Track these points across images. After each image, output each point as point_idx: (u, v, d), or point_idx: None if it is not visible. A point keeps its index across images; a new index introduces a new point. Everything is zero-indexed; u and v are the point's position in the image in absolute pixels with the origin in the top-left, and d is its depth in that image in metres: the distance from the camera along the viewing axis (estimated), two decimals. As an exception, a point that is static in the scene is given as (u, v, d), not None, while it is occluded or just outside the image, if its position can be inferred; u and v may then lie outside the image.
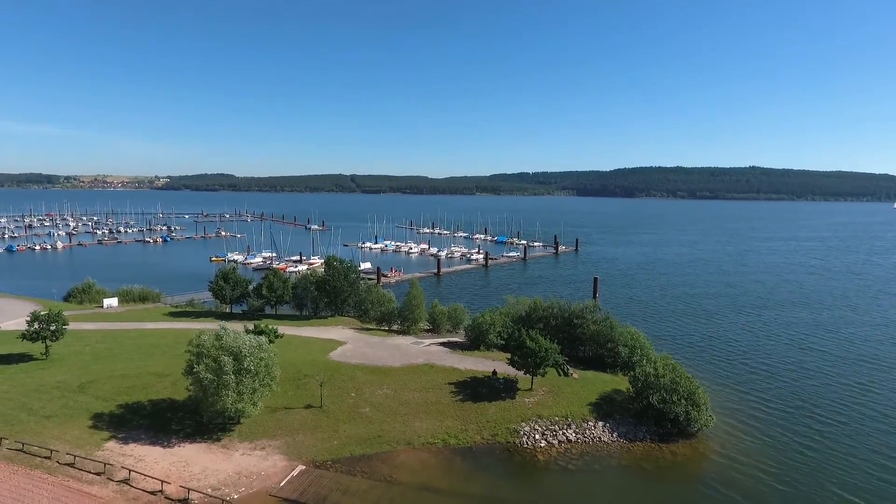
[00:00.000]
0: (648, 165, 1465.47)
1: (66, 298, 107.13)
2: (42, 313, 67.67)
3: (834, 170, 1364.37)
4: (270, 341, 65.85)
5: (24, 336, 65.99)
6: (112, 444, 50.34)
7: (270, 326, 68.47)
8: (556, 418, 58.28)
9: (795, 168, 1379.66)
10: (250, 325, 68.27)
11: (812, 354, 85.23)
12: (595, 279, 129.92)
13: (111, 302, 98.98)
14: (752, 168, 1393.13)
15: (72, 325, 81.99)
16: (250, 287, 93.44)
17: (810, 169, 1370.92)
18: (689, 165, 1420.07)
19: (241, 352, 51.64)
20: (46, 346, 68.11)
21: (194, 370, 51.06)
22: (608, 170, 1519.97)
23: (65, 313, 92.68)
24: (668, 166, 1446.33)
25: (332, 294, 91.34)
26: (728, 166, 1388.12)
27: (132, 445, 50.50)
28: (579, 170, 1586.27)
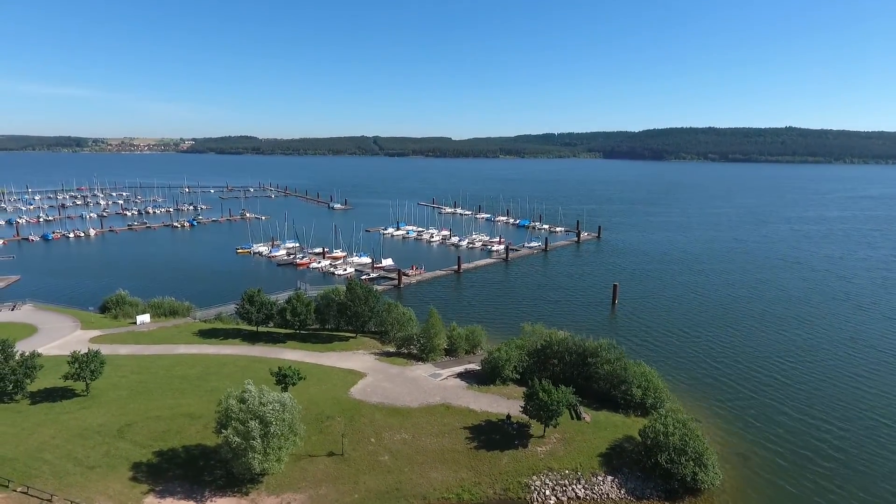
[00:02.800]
0: (679, 126, 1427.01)
1: (102, 310, 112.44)
2: (81, 353, 71.81)
3: (875, 130, 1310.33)
4: (293, 384, 69.53)
5: (67, 376, 70.48)
6: (150, 500, 54.40)
7: (293, 367, 71.54)
8: (567, 471, 60.55)
9: (834, 128, 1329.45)
10: (275, 368, 71.46)
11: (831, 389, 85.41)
12: (614, 286, 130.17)
13: (143, 318, 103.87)
14: (788, 129, 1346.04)
15: (108, 350, 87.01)
16: (275, 309, 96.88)
17: (850, 129, 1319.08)
18: (722, 126, 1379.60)
19: (265, 417, 54.76)
20: (87, 384, 72.57)
21: (223, 433, 54.55)
22: (637, 130, 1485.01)
23: (100, 333, 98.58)
24: (700, 127, 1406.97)
25: (352, 319, 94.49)
26: (763, 127, 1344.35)
27: (169, 501, 54.53)
28: (607, 130, 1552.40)
